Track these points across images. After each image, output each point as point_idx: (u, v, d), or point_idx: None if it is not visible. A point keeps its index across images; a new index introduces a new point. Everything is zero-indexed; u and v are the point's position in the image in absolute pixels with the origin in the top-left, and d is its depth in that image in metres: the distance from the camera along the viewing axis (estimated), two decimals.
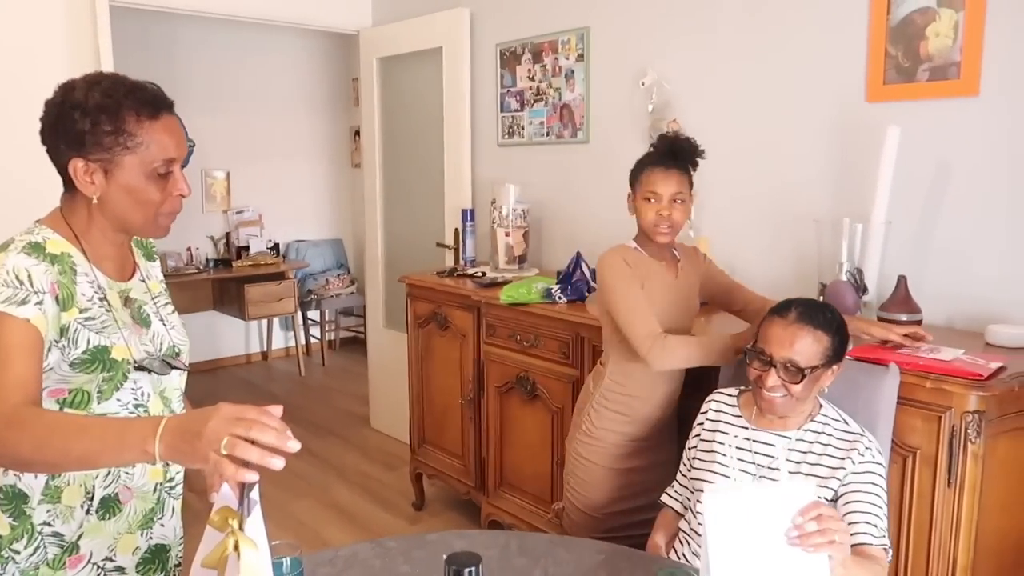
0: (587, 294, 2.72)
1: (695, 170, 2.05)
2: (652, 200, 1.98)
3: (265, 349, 6.20)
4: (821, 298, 2.29)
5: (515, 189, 3.33)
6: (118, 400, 1.28)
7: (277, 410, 0.99)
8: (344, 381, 5.58)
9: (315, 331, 6.22)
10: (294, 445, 0.95)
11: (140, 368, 1.28)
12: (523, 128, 3.54)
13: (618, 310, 1.97)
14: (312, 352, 6.20)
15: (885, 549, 1.48)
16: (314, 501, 3.59)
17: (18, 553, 1.27)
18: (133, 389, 1.29)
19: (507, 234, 3.32)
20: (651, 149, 2.08)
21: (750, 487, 1.28)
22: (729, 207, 2.78)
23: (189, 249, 5.56)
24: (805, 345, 1.55)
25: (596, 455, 2.09)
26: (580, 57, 3.23)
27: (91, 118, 1.19)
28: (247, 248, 5.70)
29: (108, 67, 3.15)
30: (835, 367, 1.61)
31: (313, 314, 6.15)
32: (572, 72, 3.27)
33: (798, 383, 1.54)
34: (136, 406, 1.31)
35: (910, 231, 2.28)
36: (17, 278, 1.17)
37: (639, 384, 2.05)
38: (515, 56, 3.53)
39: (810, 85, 2.50)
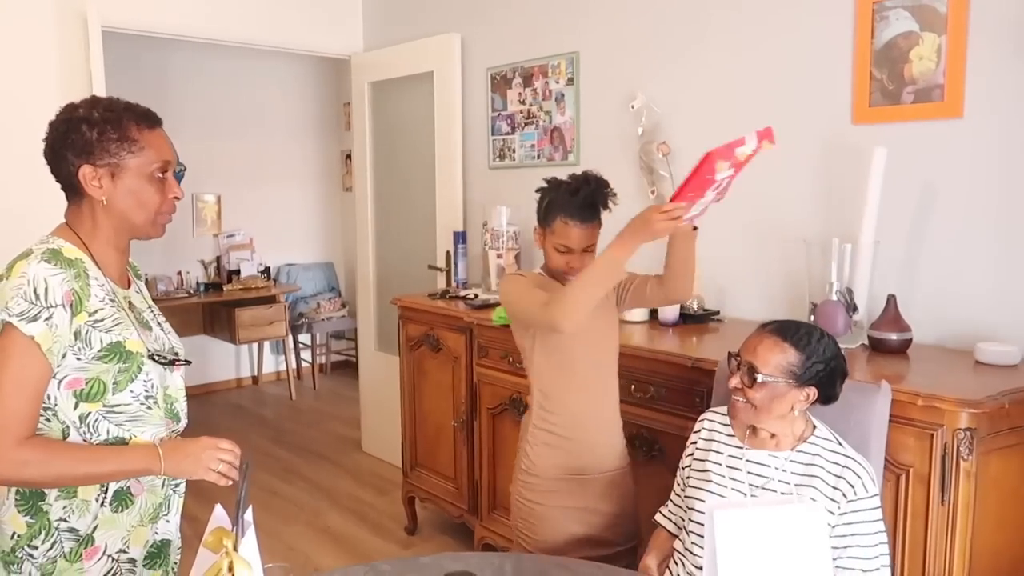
0: None
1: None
2: (564, 251, 1.94)
3: (256, 373, 6.16)
4: (812, 318, 2.30)
5: (506, 211, 3.34)
6: (131, 392, 1.36)
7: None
8: (335, 405, 5.55)
9: (306, 355, 6.19)
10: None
11: (151, 358, 1.38)
12: (514, 151, 3.56)
13: (518, 311, 1.96)
14: (303, 376, 6.17)
15: None
16: (305, 526, 3.56)
17: (35, 549, 1.33)
18: (145, 381, 1.38)
19: (499, 256, 3.33)
20: (567, 185, 1.96)
21: (758, 505, 1.28)
22: (719, 228, 2.79)
23: (179, 273, 5.55)
24: (769, 353, 1.57)
25: (540, 495, 1.98)
26: (570, 81, 3.26)
27: (98, 128, 1.34)
28: (238, 272, 5.69)
29: (100, 91, 3.16)
30: (808, 391, 1.57)
31: (304, 337, 6.13)
32: (562, 95, 3.30)
33: (751, 386, 1.57)
34: (147, 397, 1.39)
35: (898, 251, 2.31)
36: (35, 291, 1.27)
37: (560, 403, 1.98)
38: (505, 80, 3.56)
39: (797, 107, 2.54)
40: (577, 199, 1.94)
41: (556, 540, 1.97)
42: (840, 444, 1.61)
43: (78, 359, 1.31)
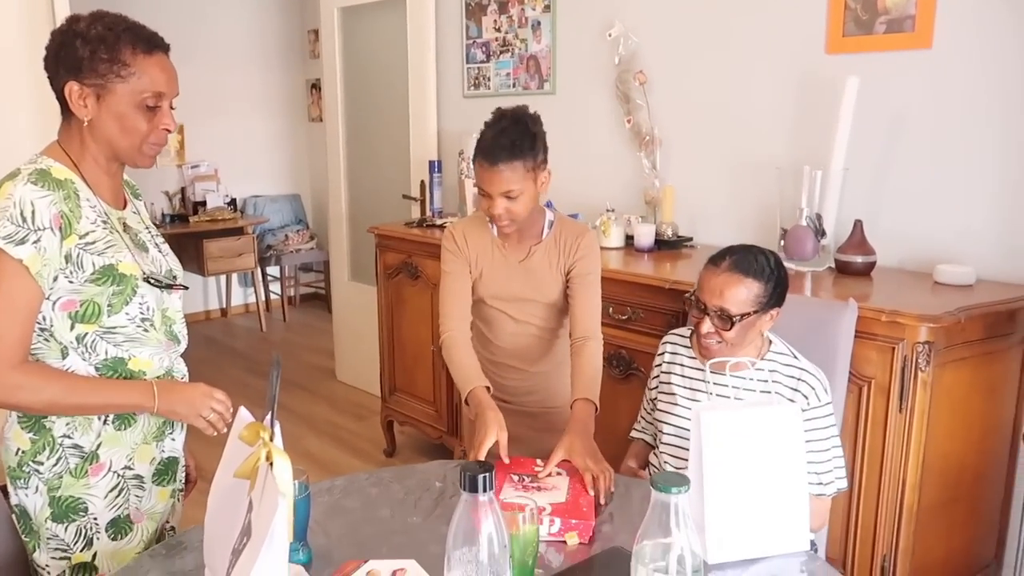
0: None
1: (538, 151, 1.80)
2: (483, 195, 1.79)
3: (224, 305, 6.15)
4: (782, 243, 2.41)
5: None
6: (127, 314, 1.36)
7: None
8: (307, 336, 5.59)
9: (275, 287, 6.19)
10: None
11: (147, 280, 1.37)
12: (489, 79, 3.56)
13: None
14: (272, 308, 6.17)
15: (828, 492, 1.60)
16: (287, 450, 3.63)
17: (41, 464, 1.35)
18: (140, 303, 1.37)
19: (475, 185, 3.35)
20: (485, 127, 1.79)
21: (743, 407, 1.38)
22: (693, 155, 2.87)
23: (144, 204, 5.45)
24: (736, 293, 1.58)
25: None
26: (547, 8, 3.25)
27: (91, 46, 1.29)
28: (204, 203, 5.61)
29: (62, 15, 3.06)
30: (773, 311, 1.63)
31: (272, 270, 6.11)
32: (539, 23, 3.29)
33: (729, 330, 1.59)
34: (143, 320, 1.39)
35: (866, 178, 2.40)
36: (21, 214, 1.24)
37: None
38: (481, 7, 3.53)
39: (773, 37, 2.59)
40: (486, 139, 1.76)
41: None
42: (795, 357, 1.67)
43: (70, 282, 1.29)
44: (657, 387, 1.85)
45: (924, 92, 2.28)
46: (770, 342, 1.71)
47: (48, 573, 1.38)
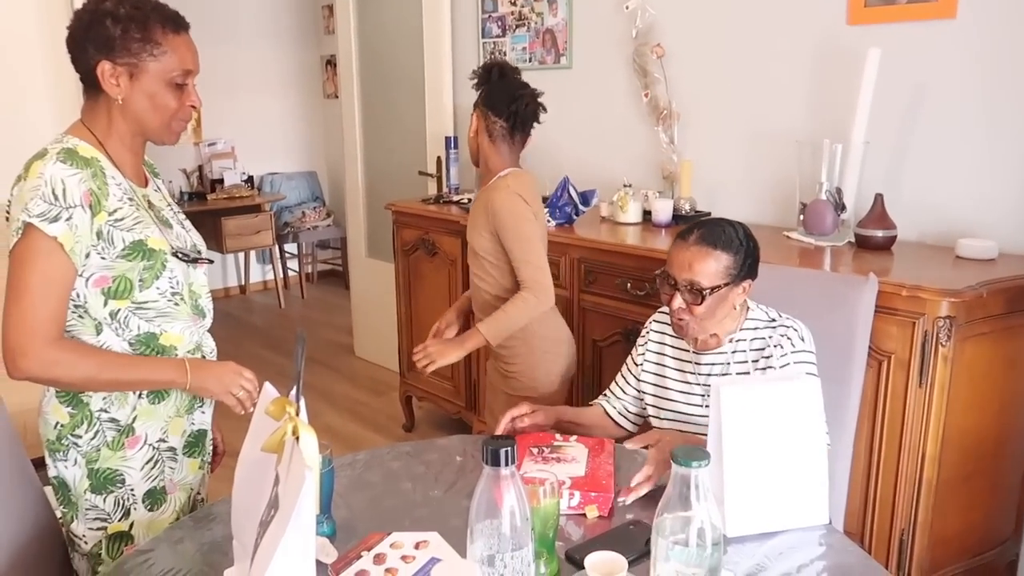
0: (575, 217, 2.78)
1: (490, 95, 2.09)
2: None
3: (243, 282, 6.20)
4: (802, 217, 2.39)
5: None
6: (157, 288, 1.39)
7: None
8: (325, 312, 5.63)
9: (292, 264, 6.23)
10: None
11: (175, 255, 1.41)
12: (505, 54, 3.53)
13: (515, 244, 2.02)
14: (290, 285, 6.21)
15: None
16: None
17: (80, 438, 1.39)
18: (170, 278, 1.41)
19: None
20: (531, 95, 2.10)
21: (761, 382, 1.39)
22: (711, 129, 2.84)
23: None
24: (705, 266, 1.57)
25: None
26: None
27: (122, 25, 1.31)
28: (221, 181, 5.64)
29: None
30: (745, 284, 1.61)
31: (290, 247, 6.14)
32: None
33: (700, 304, 1.58)
34: (173, 294, 1.42)
35: (887, 151, 2.38)
36: (53, 192, 1.27)
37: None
38: None
39: (793, 8, 2.55)
40: (482, 79, 2.10)
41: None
42: (772, 319, 1.64)
43: (103, 258, 1.33)
44: (642, 365, 1.80)
45: (947, 63, 2.24)
46: (748, 309, 1.67)
47: (85, 543, 1.42)
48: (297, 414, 0.96)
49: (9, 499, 1.40)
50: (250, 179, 5.76)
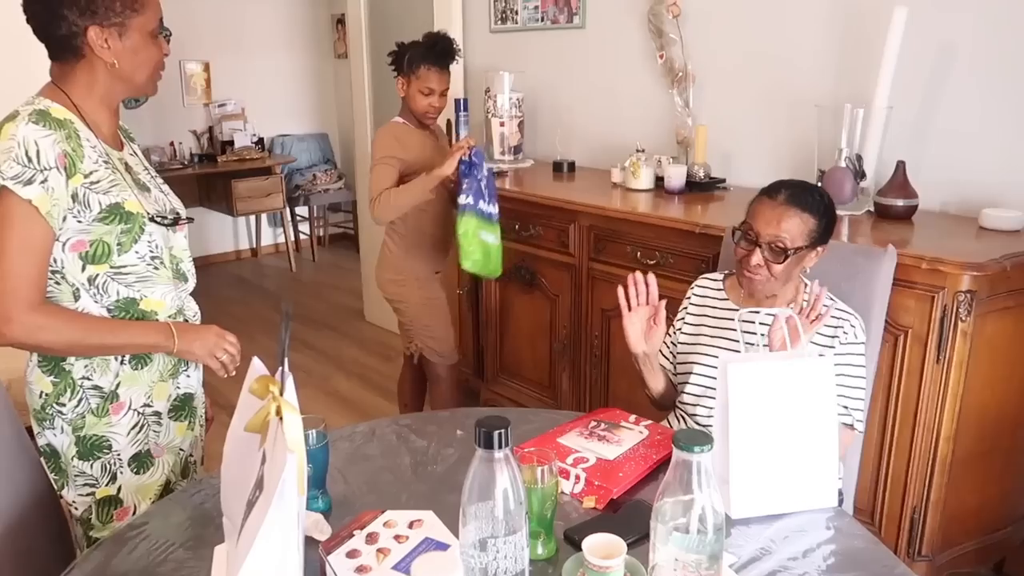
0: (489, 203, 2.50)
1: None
2: (427, 93, 2.44)
3: (254, 245, 6.18)
4: (819, 184, 2.31)
5: (509, 77, 3.26)
6: (136, 252, 1.37)
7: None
8: (336, 276, 5.61)
9: (303, 227, 6.19)
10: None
11: (153, 220, 1.38)
12: (517, 13, 3.43)
13: (371, 176, 2.44)
14: (302, 248, 6.19)
15: (851, 425, 1.56)
16: (315, 390, 3.68)
17: (64, 406, 1.38)
18: (149, 242, 1.38)
19: (502, 124, 3.28)
20: (424, 41, 2.47)
21: (771, 359, 1.34)
22: (727, 93, 2.75)
23: (172, 144, 5.45)
24: (792, 225, 1.56)
25: (434, 291, 2.62)
26: None
27: None
28: (231, 143, 5.59)
29: None
30: (819, 249, 1.61)
31: (301, 210, 6.11)
32: None
33: (781, 263, 1.56)
34: (152, 258, 1.40)
35: (911, 116, 2.28)
36: (26, 153, 1.23)
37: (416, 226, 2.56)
38: None
39: None
40: (436, 49, 2.44)
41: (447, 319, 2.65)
42: (833, 299, 1.62)
43: (79, 222, 1.30)
44: (681, 328, 1.80)
45: (976, 23, 2.14)
46: (805, 284, 1.66)
47: (76, 509, 1.43)
48: (282, 393, 0.92)
49: (5, 467, 1.39)
50: (260, 141, 5.71)
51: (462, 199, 2.37)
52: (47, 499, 1.48)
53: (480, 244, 2.41)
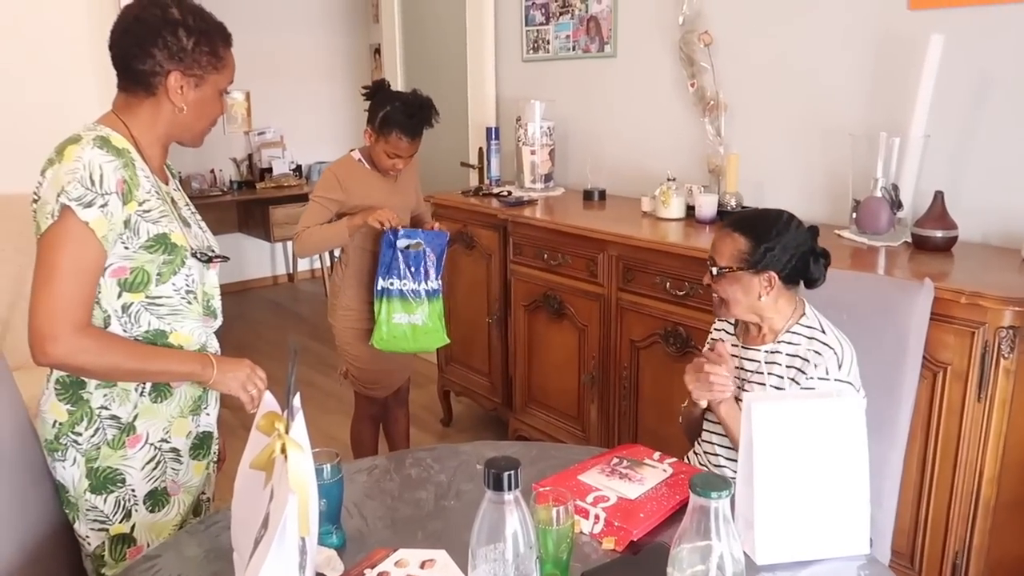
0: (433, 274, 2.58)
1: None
2: (393, 156, 2.44)
3: (291, 271, 6.25)
4: (855, 215, 2.26)
5: (540, 106, 3.26)
6: (173, 285, 1.38)
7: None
8: None
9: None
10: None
11: (194, 255, 1.40)
12: (548, 42, 3.44)
13: (304, 211, 2.52)
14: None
15: None
16: (343, 416, 3.66)
17: (80, 435, 1.37)
18: (187, 276, 1.40)
19: (532, 152, 3.28)
20: (403, 105, 2.41)
21: (797, 399, 1.29)
22: (760, 121, 2.71)
23: (212, 171, 5.56)
24: (723, 246, 1.62)
25: (359, 322, 2.59)
26: None
27: (195, 39, 1.35)
28: (270, 170, 5.68)
29: None
30: (766, 275, 1.58)
31: None
32: None
33: (715, 281, 1.64)
34: (187, 292, 1.41)
35: (949, 145, 2.22)
36: (90, 177, 1.26)
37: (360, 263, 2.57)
38: None
39: None
40: (413, 121, 2.42)
41: (366, 353, 2.60)
42: (823, 331, 1.60)
43: (126, 247, 1.31)
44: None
45: (1016, 50, 2.08)
46: (803, 315, 1.64)
47: (88, 544, 1.41)
48: (288, 430, 0.91)
49: (22, 496, 1.39)
50: (298, 168, 5.79)
51: (377, 283, 2.47)
52: (63, 531, 1.48)
53: (394, 327, 2.52)
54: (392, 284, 2.49)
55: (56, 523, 1.46)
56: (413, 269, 2.49)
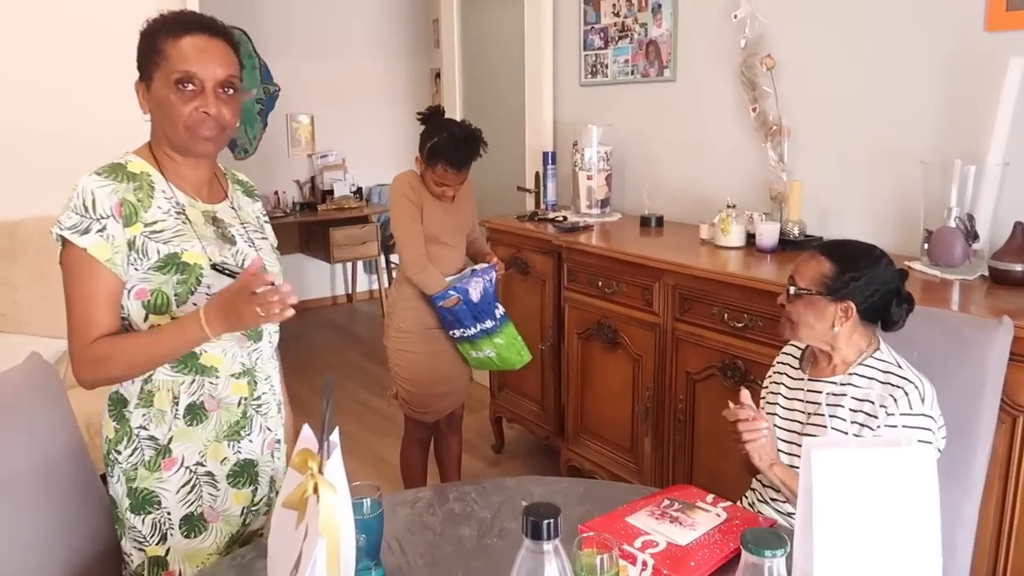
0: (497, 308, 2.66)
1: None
2: (440, 185, 2.48)
3: (350, 291, 6.33)
4: (926, 246, 2.15)
5: (598, 131, 3.23)
6: (194, 304, 1.33)
7: (256, 270, 1.24)
8: None
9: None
10: (293, 299, 1.22)
11: (215, 268, 1.34)
12: (607, 67, 3.41)
13: (397, 234, 2.54)
14: None
15: None
16: (396, 440, 3.64)
17: (120, 454, 1.37)
18: (207, 294, 1.34)
19: (589, 177, 3.24)
20: (451, 137, 2.44)
21: (861, 446, 1.21)
22: (826, 148, 2.62)
23: (276, 193, 5.69)
24: (808, 268, 1.58)
25: (412, 345, 2.58)
26: None
27: (141, 42, 1.33)
28: (331, 192, 5.78)
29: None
30: (843, 305, 1.53)
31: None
32: (659, 6, 3.12)
33: (791, 302, 1.59)
34: None
35: None
36: (83, 204, 1.28)
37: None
38: None
39: (920, 13, 2.30)
40: (459, 154, 2.44)
41: (425, 377, 2.61)
42: (899, 366, 1.53)
43: (137, 270, 1.31)
44: (764, 397, 1.76)
45: None
46: (876, 348, 1.57)
47: (131, 561, 1.41)
48: (321, 470, 0.89)
49: (73, 516, 1.41)
50: (359, 190, 5.88)
51: (451, 334, 2.59)
52: (111, 548, 1.48)
53: (477, 360, 2.67)
54: (454, 334, 2.59)
55: (106, 541, 1.47)
56: (469, 318, 2.54)
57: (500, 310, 2.65)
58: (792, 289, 1.59)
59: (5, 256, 3.02)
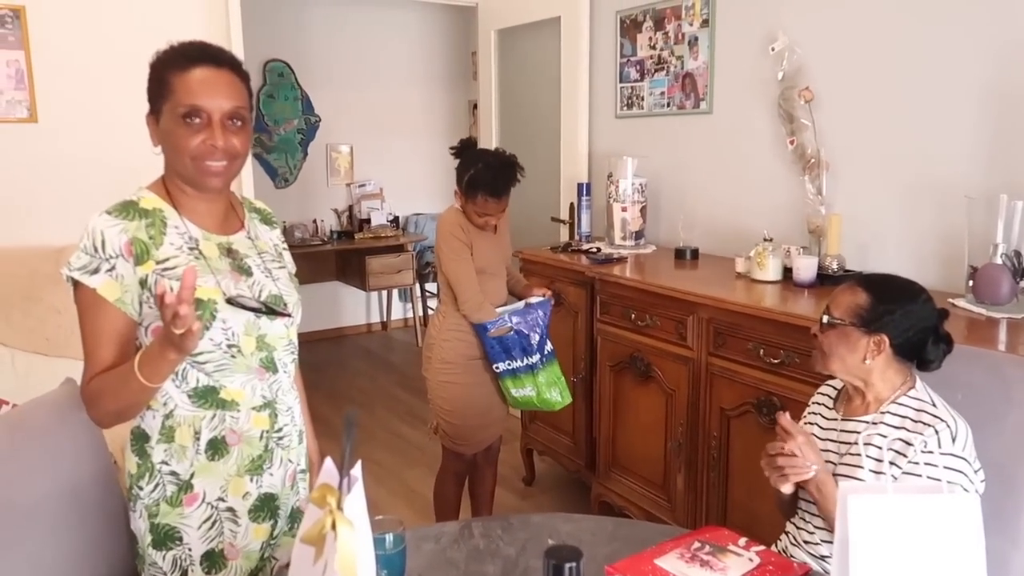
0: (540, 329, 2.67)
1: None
2: (483, 215, 2.50)
3: (385, 319, 6.36)
4: (971, 283, 2.09)
5: (633, 162, 3.22)
6: (211, 340, 1.31)
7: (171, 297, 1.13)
8: None
9: (432, 303, 6.32)
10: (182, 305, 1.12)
11: (230, 302, 1.31)
12: (643, 99, 3.41)
13: (448, 271, 2.53)
14: (429, 323, 6.29)
15: None
16: (427, 470, 3.65)
17: (142, 490, 1.36)
18: (223, 328, 1.32)
19: (624, 209, 3.22)
20: (487, 166, 2.47)
21: (899, 492, 1.17)
22: (864, 180, 2.57)
23: (315, 221, 5.77)
24: (844, 299, 1.55)
25: (455, 376, 2.57)
26: (705, 23, 3.06)
27: (150, 75, 1.33)
28: (368, 221, 5.84)
29: (238, 47, 3.26)
30: (876, 338, 1.50)
31: (431, 286, 6.25)
32: (696, 39, 3.11)
33: (823, 332, 1.57)
34: (229, 346, 1.34)
35: None
36: (93, 244, 1.28)
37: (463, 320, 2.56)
38: (636, 24, 3.39)
39: (963, 42, 2.26)
40: (497, 183, 2.46)
41: (465, 409, 2.60)
42: (934, 404, 1.48)
43: (150, 308, 1.29)
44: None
45: None
46: (911, 386, 1.53)
47: None
48: (340, 506, 0.87)
49: (96, 544, 1.41)
50: (396, 219, 5.93)
51: (495, 367, 2.59)
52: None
53: (517, 399, 2.65)
54: (498, 367, 2.57)
55: (130, 571, 1.47)
56: (517, 348, 2.55)
57: (549, 346, 2.65)
58: (825, 319, 1.56)
59: (51, 281, 3.09)
